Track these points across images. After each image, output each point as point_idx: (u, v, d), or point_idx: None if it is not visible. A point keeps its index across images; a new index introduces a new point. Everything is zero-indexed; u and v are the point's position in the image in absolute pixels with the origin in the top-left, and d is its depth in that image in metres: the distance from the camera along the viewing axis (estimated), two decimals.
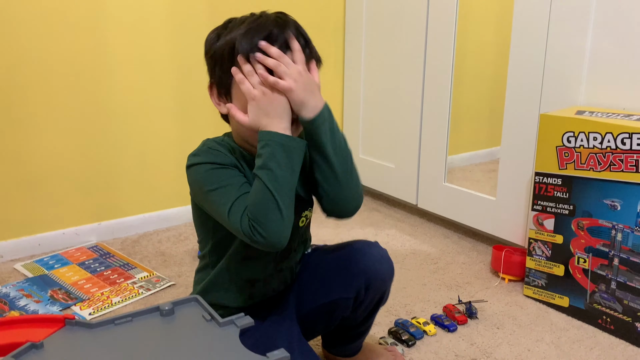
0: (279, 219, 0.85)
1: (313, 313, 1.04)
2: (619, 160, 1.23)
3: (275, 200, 0.84)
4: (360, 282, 0.99)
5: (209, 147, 0.94)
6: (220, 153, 0.93)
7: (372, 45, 2.07)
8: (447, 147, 1.84)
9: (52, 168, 1.68)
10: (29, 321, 0.72)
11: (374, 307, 1.06)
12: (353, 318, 1.05)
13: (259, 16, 0.92)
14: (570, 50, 1.42)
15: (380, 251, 1.03)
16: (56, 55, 1.62)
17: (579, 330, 1.32)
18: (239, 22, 0.93)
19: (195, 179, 0.93)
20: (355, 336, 1.11)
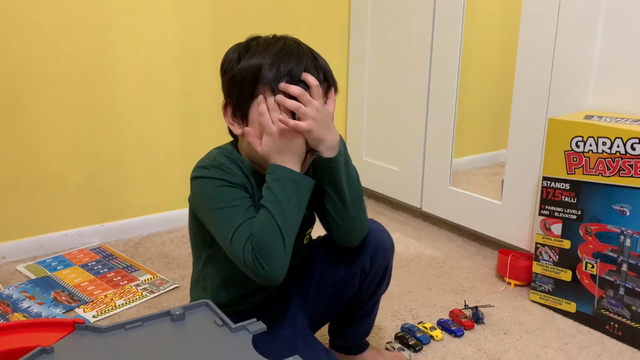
0: (282, 254, 0.86)
1: (321, 296, 1.05)
2: (629, 165, 1.22)
3: (282, 235, 0.86)
4: (365, 254, 1.01)
5: (221, 164, 0.93)
6: (231, 172, 0.92)
7: (376, 47, 2.06)
8: (453, 151, 1.83)
9: (55, 169, 1.67)
10: (38, 325, 0.71)
11: (378, 282, 1.06)
12: (359, 295, 1.06)
13: (283, 43, 0.92)
14: (579, 54, 1.41)
15: (378, 224, 1.06)
16: (60, 57, 1.61)
17: (586, 336, 1.32)
18: (263, 47, 0.92)
19: (201, 192, 0.93)
20: (361, 317, 1.11)
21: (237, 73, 0.93)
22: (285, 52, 0.91)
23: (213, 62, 1.86)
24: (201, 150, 1.98)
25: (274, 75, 0.89)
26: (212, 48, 1.86)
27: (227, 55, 0.97)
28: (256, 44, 0.94)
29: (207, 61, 1.87)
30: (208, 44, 1.85)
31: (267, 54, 0.91)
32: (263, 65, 0.90)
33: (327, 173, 0.93)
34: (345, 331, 1.14)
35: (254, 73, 0.90)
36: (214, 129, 1.91)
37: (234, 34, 1.88)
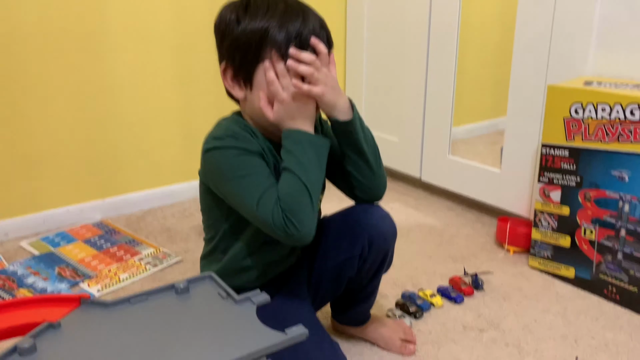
0: (311, 212, 0.88)
1: (323, 278, 1.06)
2: (628, 131, 1.22)
3: (309, 194, 0.87)
4: (363, 239, 1.00)
5: (235, 132, 0.92)
6: (247, 139, 0.91)
7: (374, 16, 2.03)
8: (452, 120, 1.83)
9: (55, 145, 1.67)
10: (44, 301, 0.72)
11: (378, 267, 1.07)
12: (359, 279, 1.06)
13: (284, 3, 0.90)
14: (578, 19, 1.39)
15: (382, 211, 1.04)
16: (57, 29, 1.60)
17: (584, 300, 1.34)
18: (264, 7, 0.90)
19: (218, 164, 0.92)
20: (362, 299, 1.12)
21: (240, 36, 0.91)
22: (290, 12, 0.89)
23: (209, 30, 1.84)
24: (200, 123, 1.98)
25: (283, 38, 0.88)
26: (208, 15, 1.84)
27: (223, 15, 0.94)
28: (254, 3, 0.91)
29: (203, 30, 1.84)
30: (204, 13, 1.83)
31: (272, 15, 0.89)
32: (270, 28, 0.88)
33: (347, 138, 0.95)
34: (347, 310, 1.15)
35: (260, 36, 0.89)
36: (211, 100, 1.90)
37: None
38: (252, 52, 0.90)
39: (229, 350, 0.61)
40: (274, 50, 0.89)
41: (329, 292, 1.09)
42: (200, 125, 1.89)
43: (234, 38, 0.92)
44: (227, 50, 0.94)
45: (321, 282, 1.07)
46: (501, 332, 1.20)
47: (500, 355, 1.13)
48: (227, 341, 0.63)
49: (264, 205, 0.87)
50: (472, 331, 1.21)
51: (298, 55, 0.87)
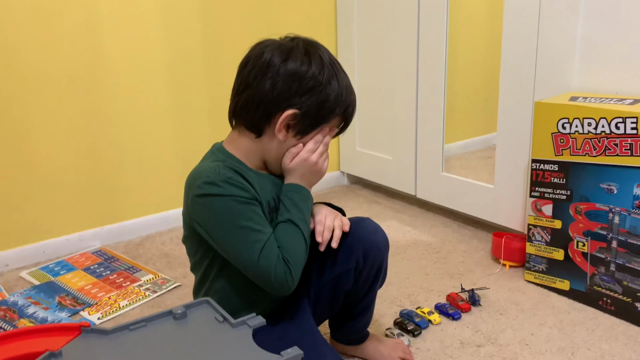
0: (302, 268, 0.96)
1: (320, 293, 1.08)
2: (614, 144, 1.25)
3: (307, 252, 0.97)
4: (358, 252, 1.04)
5: (229, 178, 0.91)
6: (242, 186, 0.92)
7: (364, 38, 2.08)
8: (444, 137, 1.86)
9: (52, 175, 1.69)
10: (45, 330, 0.74)
11: (373, 279, 1.09)
12: (355, 292, 1.09)
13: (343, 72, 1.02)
14: (562, 36, 1.43)
15: (374, 224, 1.09)
16: (53, 62, 1.63)
17: (580, 312, 1.35)
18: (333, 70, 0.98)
19: (213, 212, 0.92)
20: (359, 313, 1.13)
21: (329, 97, 0.96)
22: (349, 85, 1.02)
23: (203, 61, 1.88)
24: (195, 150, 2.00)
25: (350, 112, 1.02)
26: (202, 47, 1.88)
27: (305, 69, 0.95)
28: (335, 65, 0.99)
29: (197, 61, 1.88)
30: (197, 43, 1.87)
31: (341, 81, 0.99)
32: (351, 102, 1.01)
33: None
34: (345, 326, 1.16)
35: (341, 106, 0.99)
36: (206, 127, 1.93)
37: (223, 30, 1.90)
38: (329, 113, 0.98)
39: None
40: (338, 117, 1.01)
41: (327, 307, 1.11)
42: (195, 151, 1.90)
43: (323, 97, 0.96)
44: (306, 101, 0.95)
45: (319, 297, 1.09)
46: (498, 347, 1.22)
47: None
48: None
49: (265, 258, 0.90)
50: (469, 347, 1.22)
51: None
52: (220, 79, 1.92)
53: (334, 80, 0.97)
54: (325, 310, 1.12)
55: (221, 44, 1.91)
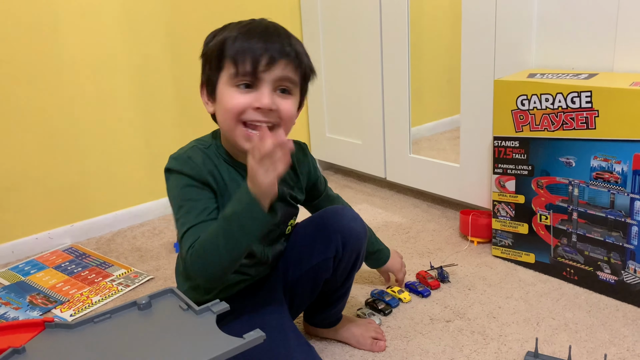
0: (219, 269, 0.87)
1: (299, 281, 1.09)
2: (570, 118, 1.28)
3: (226, 256, 0.86)
4: (337, 240, 1.04)
5: (189, 157, 0.95)
6: (196, 167, 0.93)
7: (328, 24, 2.08)
8: (410, 120, 1.88)
9: (19, 174, 1.67)
10: (8, 328, 0.74)
11: (352, 266, 1.10)
12: (334, 280, 1.10)
13: (251, 21, 0.95)
14: (519, 15, 1.45)
15: (352, 212, 1.09)
16: (15, 61, 1.60)
17: (545, 284, 1.39)
18: (234, 25, 0.95)
19: (167, 185, 0.96)
20: (336, 300, 1.15)
21: (207, 49, 0.96)
22: (252, 27, 0.93)
23: (167, 53, 1.87)
24: (163, 142, 2.00)
25: (237, 50, 0.90)
26: (166, 37, 1.86)
27: (207, 36, 0.99)
28: (229, 25, 0.96)
29: (161, 54, 1.87)
30: (160, 34, 1.85)
31: (234, 29, 0.93)
32: (228, 38, 0.92)
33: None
34: (320, 312, 1.18)
35: (220, 46, 0.93)
36: (173, 119, 1.92)
37: (186, 21, 1.89)
38: (214, 62, 0.94)
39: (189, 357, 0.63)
40: (229, 59, 0.91)
41: (306, 295, 1.12)
42: (163, 144, 1.92)
43: (203, 53, 0.97)
44: (202, 66, 0.98)
45: (297, 286, 1.10)
46: (467, 321, 1.25)
47: (466, 342, 1.17)
48: (188, 350, 0.66)
49: (186, 240, 0.88)
50: (439, 322, 1.25)
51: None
52: (185, 70, 1.91)
53: (220, 31, 0.96)
54: (304, 298, 1.13)
55: (184, 35, 1.89)
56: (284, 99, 0.94)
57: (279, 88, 0.94)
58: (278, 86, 0.93)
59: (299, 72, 0.95)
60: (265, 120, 0.93)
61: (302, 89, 0.99)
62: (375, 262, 1.31)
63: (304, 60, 0.96)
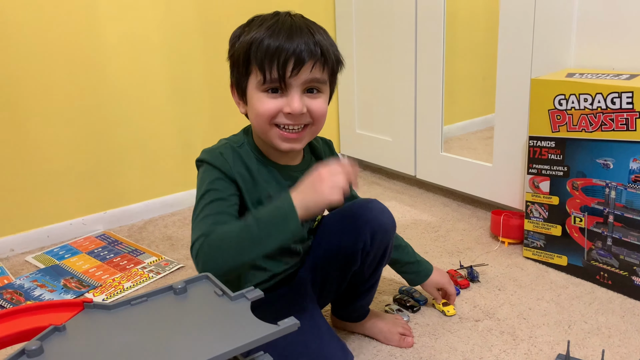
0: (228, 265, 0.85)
1: (327, 274, 1.09)
2: (610, 119, 1.25)
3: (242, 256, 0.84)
4: (365, 232, 1.04)
5: (222, 151, 0.96)
6: (225, 161, 0.94)
7: (362, 19, 2.07)
8: (443, 117, 1.86)
9: (56, 161, 1.71)
10: (49, 307, 0.76)
11: (379, 259, 1.10)
12: (361, 273, 1.10)
13: (276, 19, 0.93)
14: (559, 13, 1.43)
15: (381, 205, 1.08)
16: (54, 48, 1.64)
17: (577, 287, 1.36)
18: (258, 24, 0.94)
19: (198, 175, 0.97)
20: (363, 292, 1.15)
21: (235, 51, 0.96)
22: (276, 28, 0.91)
23: (202, 46, 1.89)
24: (196, 134, 2.02)
25: (262, 54, 0.90)
26: (201, 33, 1.88)
27: (232, 34, 0.99)
28: (253, 21, 0.96)
29: (196, 46, 1.89)
30: (196, 30, 1.87)
31: (259, 29, 0.92)
32: (253, 42, 0.91)
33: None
34: (348, 304, 1.18)
35: (246, 50, 0.92)
36: (207, 111, 1.94)
37: (219, 15, 1.90)
38: (242, 66, 0.94)
39: (224, 342, 0.64)
40: (255, 65, 0.91)
41: (334, 287, 1.12)
42: (197, 135, 1.94)
43: (231, 54, 0.98)
44: (230, 66, 0.99)
45: (326, 278, 1.10)
46: (496, 321, 1.23)
47: (495, 342, 1.16)
48: (223, 335, 0.66)
49: (195, 230, 0.88)
50: (468, 321, 1.24)
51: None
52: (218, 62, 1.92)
53: (244, 32, 0.95)
54: (331, 290, 1.13)
55: (218, 29, 1.91)
56: (314, 98, 0.95)
57: (308, 89, 0.94)
58: (307, 87, 0.94)
59: (326, 69, 0.96)
60: (297, 123, 0.94)
61: (331, 82, 1.00)
62: (416, 276, 1.24)
63: (330, 55, 0.96)
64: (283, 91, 0.92)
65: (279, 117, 0.93)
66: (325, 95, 0.98)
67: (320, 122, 0.98)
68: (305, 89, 0.94)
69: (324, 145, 1.14)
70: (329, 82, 0.98)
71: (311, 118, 0.95)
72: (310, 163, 1.08)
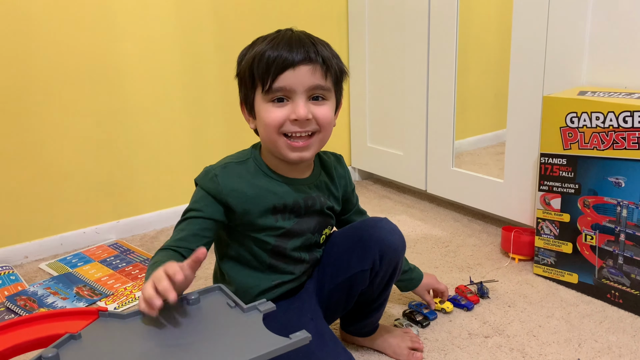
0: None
1: (334, 291, 1.10)
2: (622, 138, 1.26)
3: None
4: (374, 252, 1.04)
5: (215, 175, 1.00)
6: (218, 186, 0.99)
7: (375, 34, 2.09)
8: (454, 132, 1.87)
9: (71, 170, 1.74)
10: (65, 314, 0.77)
11: (388, 279, 1.10)
12: (370, 292, 1.10)
13: (277, 34, 0.97)
14: (571, 32, 1.44)
15: (391, 224, 1.08)
16: (71, 59, 1.67)
17: (588, 305, 1.36)
18: (261, 40, 0.98)
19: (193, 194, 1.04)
20: (372, 311, 1.15)
21: (240, 70, 1.00)
22: (276, 41, 0.94)
23: (216, 57, 1.92)
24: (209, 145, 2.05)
25: (264, 65, 0.93)
26: (215, 44, 1.91)
27: (239, 54, 1.03)
28: (257, 40, 0.99)
29: (211, 58, 1.92)
30: (210, 41, 1.90)
31: (261, 45, 0.96)
32: (255, 56, 0.95)
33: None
34: (356, 322, 1.18)
35: (250, 65, 0.96)
36: (221, 123, 1.96)
37: (235, 29, 1.93)
38: (248, 81, 0.98)
39: (236, 354, 0.65)
40: (258, 78, 0.95)
41: (341, 305, 1.12)
42: (210, 147, 1.96)
43: (237, 72, 1.01)
44: (238, 84, 1.02)
45: (332, 296, 1.11)
46: (506, 338, 1.23)
47: (505, 359, 1.16)
48: (235, 346, 0.67)
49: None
50: (477, 337, 1.24)
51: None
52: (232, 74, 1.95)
53: (248, 52, 0.98)
54: (339, 308, 1.13)
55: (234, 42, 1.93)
56: (319, 105, 0.97)
57: (312, 96, 0.96)
58: (311, 95, 0.96)
59: (329, 76, 0.97)
60: (304, 130, 0.96)
61: (336, 91, 1.01)
62: (409, 282, 1.27)
63: (332, 64, 0.97)
64: (288, 100, 0.95)
65: (286, 126, 0.95)
66: (331, 103, 1.00)
67: (328, 130, 0.99)
68: (310, 96, 0.96)
69: (334, 160, 1.16)
70: (334, 90, 1.00)
71: (318, 125, 0.97)
72: (319, 177, 1.10)
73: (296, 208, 1.04)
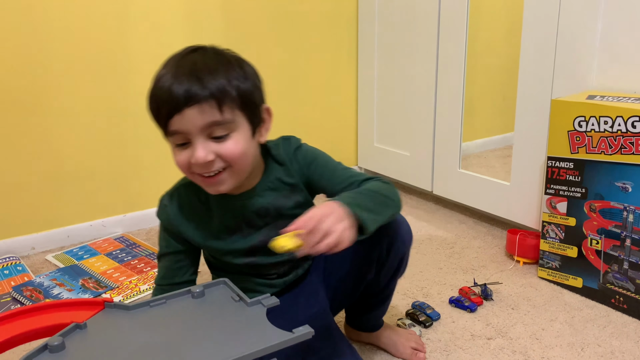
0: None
1: (341, 282, 1.10)
2: (630, 143, 1.25)
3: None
4: (382, 243, 1.04)
5: (165, 205, 1.05)
6: (168, 216, 1.04)
7: (385, 34, 2.10)
8: (462, 134, 1.87)
9: (79, 164, 1.75)
10: (71, 304, 0.78)
11: (395, 270, 1.09)
12: (376, 283, 1.10)
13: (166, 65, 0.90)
14: (581, 35, 1.44)
15: (399, 216, 1.04)
16: (81, 54, 1.69)
17: (592, 309, 1.36)
18: (161, 69, 0.92)
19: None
20: (378, 302, 1.15)
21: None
22: (166, 76, 0.87)
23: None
24: None
25: (155, 110, 0.89)
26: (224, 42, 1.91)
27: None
28: (163, 64, 0.92)
29: None
30: (220, 39, 1.91)
31: (156, 79, 0.90)
32: (150, 95, 0.90)
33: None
34: (362, 314, 1.19)
35: (148, 106, 0.91)
36: None
37: (245, 28, 1.94)
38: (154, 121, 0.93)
39: (240, 347, 0.66)
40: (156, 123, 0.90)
41: (347, 296, 1.13)
42: None
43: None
44: None
45: (338, 287, 1.11)
46: (509, 340, 1.23)
47: None
48: (239, 339, 0.68)
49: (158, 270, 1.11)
50: (480, 339, 1.24)
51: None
52: None
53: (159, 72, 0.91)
54: (345, 299, 1.14)
55: (243, 41, 1.94)
56: (222, 142, 0.86)
57: (212, 135, 0.86)
58: (209, 134, 0.86)
59: (226, 108, 0.85)
60: (210, 170, 0.88)
61: (248, 114, 0.89)
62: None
63: (228, 92, 0.85)
64: (188, 142, 0.87)
65: (193, 167, 0.88)
66: (240, 133, 0.88)
67: (239, 163, 0.89)
68: (209, 135, 0.86)
69: (282, 144, 1.01)
70: (243, 115, 0.88)
71: (226, 161, 0.88)
72: (273, 174, 1.00)
73: (247, 224, 1.00)
